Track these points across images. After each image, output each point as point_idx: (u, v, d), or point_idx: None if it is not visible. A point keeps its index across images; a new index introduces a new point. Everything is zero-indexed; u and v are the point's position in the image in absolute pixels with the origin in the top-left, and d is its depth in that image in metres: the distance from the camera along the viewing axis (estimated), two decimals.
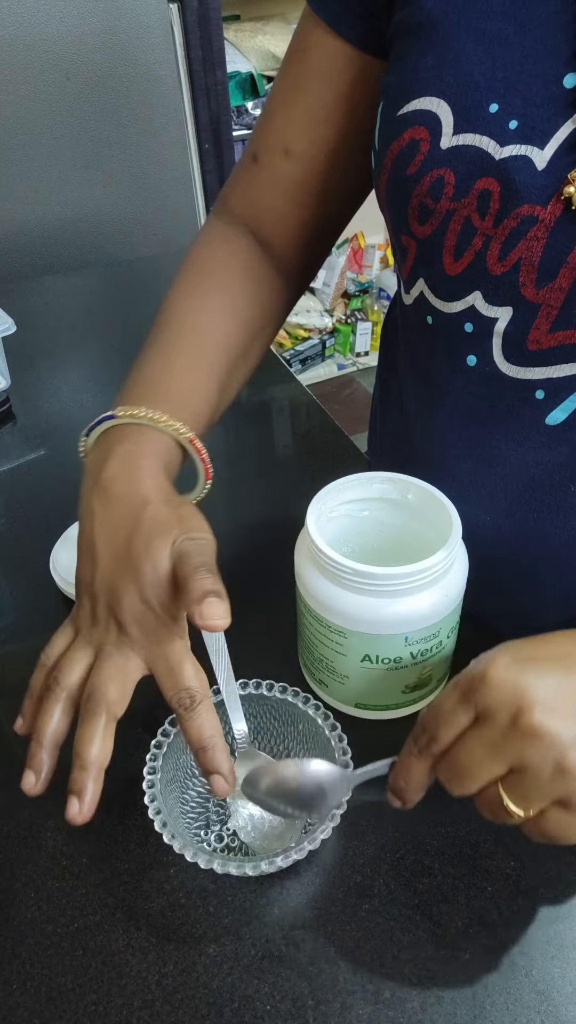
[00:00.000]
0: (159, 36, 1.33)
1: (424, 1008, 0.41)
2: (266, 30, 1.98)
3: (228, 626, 0.40)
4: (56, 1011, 0.41)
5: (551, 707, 0.36)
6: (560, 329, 0.44)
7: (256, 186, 0.61)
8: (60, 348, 0.99)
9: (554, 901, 0.45)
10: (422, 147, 0.46)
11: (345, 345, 2.68)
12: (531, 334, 0.46)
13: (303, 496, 0.50)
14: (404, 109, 0.47)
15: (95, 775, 0.42)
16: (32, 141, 1.32)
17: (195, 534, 0.44)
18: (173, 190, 1.49)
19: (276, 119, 0.58)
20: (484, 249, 0.45)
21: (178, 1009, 0.41)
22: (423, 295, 0.51)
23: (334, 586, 0.47)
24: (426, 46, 0.46)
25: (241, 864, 0.42)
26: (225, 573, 0.54)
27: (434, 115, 0.45)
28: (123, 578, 0.44)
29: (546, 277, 0.43)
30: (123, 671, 0.44)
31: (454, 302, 0.49)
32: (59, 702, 0.44)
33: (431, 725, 0.39)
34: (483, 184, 0.44)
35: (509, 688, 0.36)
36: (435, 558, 0.46)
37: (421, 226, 0.48)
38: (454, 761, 0.39)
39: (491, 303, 0.47)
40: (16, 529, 0.73)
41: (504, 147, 0.43)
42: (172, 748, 0.48)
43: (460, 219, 0.45)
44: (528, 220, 0.43)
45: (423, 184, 0.46)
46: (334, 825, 0.43)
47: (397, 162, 0.47)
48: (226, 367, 0.57)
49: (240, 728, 0.49)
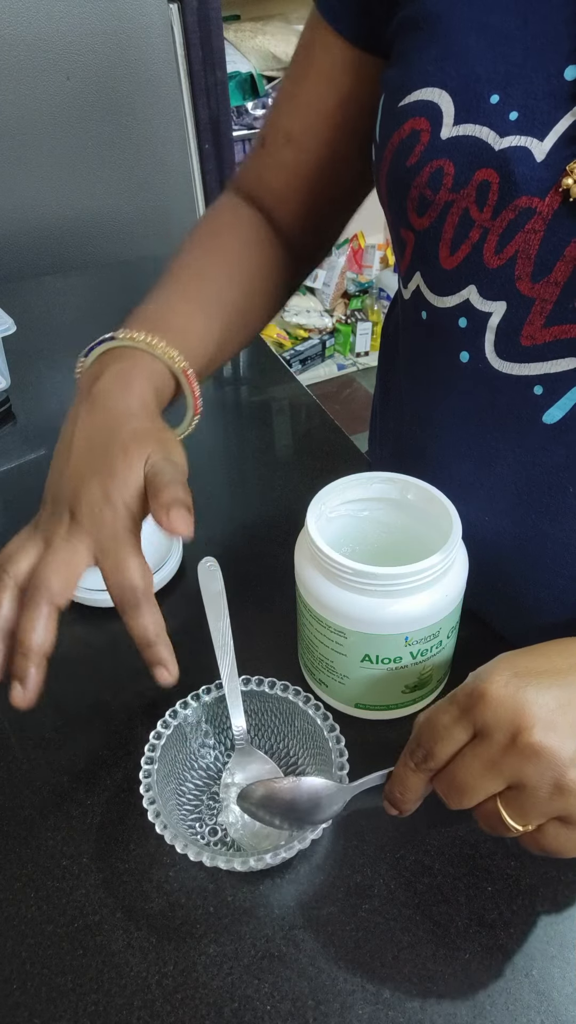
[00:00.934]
0: (159, 36, 1.33)
1: (424, 1008, 0.41)
2: (266, 30, 1.98)
3: (191, 538, 0.42)
4: (56, 1011, 0.41)
5: (550, 725, 0.35)
6: (555, 324, 0.45)
7: (262, 168, 0.65)
8: (60, 348, 0.99)
9: (554, 901, 0.45)
10: (422, 138, 0.46)
11: (345, 345, 2.68)
12: (525, 329, 0.46)
13: (303, 496, 0.50)
14: (405, 100, 0.47)
15: (37, 661, 0.43)
16: (32, 141, 1.32)
17: (174, 456, 0.45)
18: (173, 190, 1.49)
19: (282, 108, 0.63)
20: (481, 242, 0.45)
21: (178, 1009, 0.41)
22: (419, 290, 0.52)
23: (334, 586, 0.47)
24: (430, 40, 0.46)
25: (230, 859, 0.42)
26: (226, 573, 0.54)
27: (435, 106, 0.45)
28: (91, 474, 0.45)
29: (542, 271, 0.43)
30: (68, 563, 0.44)
31: (449, 296, 0.49)
32: (6, 590, 0.44)
33: (427, 740, 0.39)
34: (482, 175, 0.44)
35: (508, 706, 0.36)
36: (435, 558, 0.46)
37: (420, 218, 0.48)
38: (452, 778, 0.38)
39: (485, 297, 0.47)
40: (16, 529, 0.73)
41: (504, 138, 0.43)
42: (171, 741, 0.48)
43: (458, 211, 0.46)
44: (526, 212, 0.43)
45: (423, 175, 0.46)
46: (326, 826, 0.43)
47: (398, 153, 0.48)
48: (224, 320, 0.59)
49: (239, 724, 0.49)
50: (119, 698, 0.56)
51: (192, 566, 0.66)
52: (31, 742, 0.54)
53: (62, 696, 0.57)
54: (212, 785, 0.50)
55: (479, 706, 0.37)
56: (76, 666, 0.59)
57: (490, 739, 0.36)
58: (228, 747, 0.51)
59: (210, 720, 0.51)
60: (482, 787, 0.37)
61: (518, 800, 0.37)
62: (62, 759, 0.53)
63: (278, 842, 0.46)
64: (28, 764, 0.53)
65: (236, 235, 0.64)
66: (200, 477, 0.79)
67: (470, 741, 0.38)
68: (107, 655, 0.60)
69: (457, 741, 0.38)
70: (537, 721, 0.35)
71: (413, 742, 0.40)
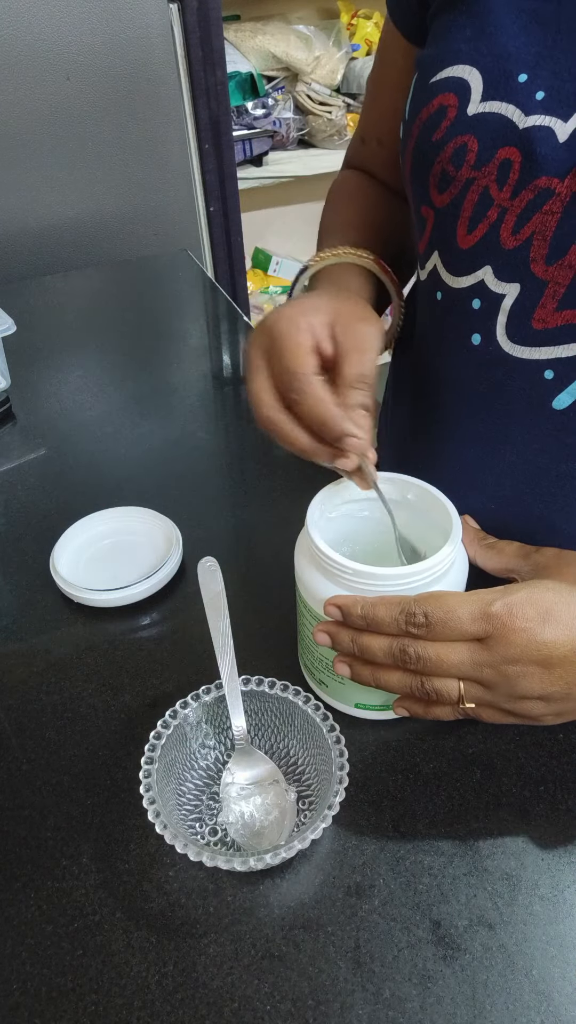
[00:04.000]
0: (159, 36, 1.33)
1: (424, 1008, 0.41)
2: (266, 30, 1.98)
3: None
4: (56, 1011, 0.41)
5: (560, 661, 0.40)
6: (567, 308, 0.45)
7: (365, 161, 0.73)
8: (60, 348, 1.00)
9: (554, 901, 0.45)
10: (449, 113, 0.47)
11: None
12: (537, 312, 0.46)
13: (303, 496, 0.50)
14: (437, 77, 0.48)
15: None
16: (32, 141, 1.32)
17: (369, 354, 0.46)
18: (173, 190, 1.49)
19: (370, 112, 0.69)
20: (499, 221, 0.46)
21: (178, 1009, 0.41)
22: (436, 270, 0.52)
23: (334, 586, 0.47)
24: (465, 19, 0.47)
25: (231, 859, 0.42)
26: (226, 573, 0.54)
27: (464, 82, 0.46)
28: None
29: (557, 253, 0.44)
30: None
31: (464, 276, 0.49)
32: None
33: (437, 621, 0.41)
34: (505, 153, 0.44)
35: (527, 644, 0.40)
36: (435, 558, 0.46)
37: (440, 195, 0.49)
38: (437, 659, 0.42)
39: (500, 279, 0.47)
40: (16, 529, 0.73)
41: (528, 116, 0.43)
42: (171, 741, 0.48)
43: (479, 188, 0.46)
44: (545, 193, 0.43)
45: (446, 151, 0.47)
46: (325, 826, 0.43)
47: (424, 128, 0.49)
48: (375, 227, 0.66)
49: (239, 724, 0.49)
50: (119, 698, 0.56)
51: (192, 566, 0.67)
52: (31, 742, 0.54)
53: (62, 696, 0.57)
54: (212, 785, 0.50)
55: (498, 635, 0.40)
56: (76, 666, 0.59)
57: (491, 653, 0.41)
58: (228, 747, 0.51)
59: (210, 720, 0.51)
60: (457, 676, 0.42)
61: (481, 695, 0.42)
62: (62, 759, 0.53)
63: (278, 842, 0.46)
64: (28, 764, 0.53)
65: (361, 187, 0.71)
66: (200, 477, 0.79)
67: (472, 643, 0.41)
68: (107, 655, 0.60)
69: (462, 637, 0.41)
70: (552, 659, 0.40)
71: (415, 607, 0.42)
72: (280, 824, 0.48)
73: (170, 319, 1.08)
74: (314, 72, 2.03)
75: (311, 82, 2.05)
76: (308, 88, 2.05)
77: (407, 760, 0.52)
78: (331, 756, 0.46)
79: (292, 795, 0.49)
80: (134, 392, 0.92)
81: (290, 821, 0.48)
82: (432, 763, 0.51)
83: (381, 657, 0.44)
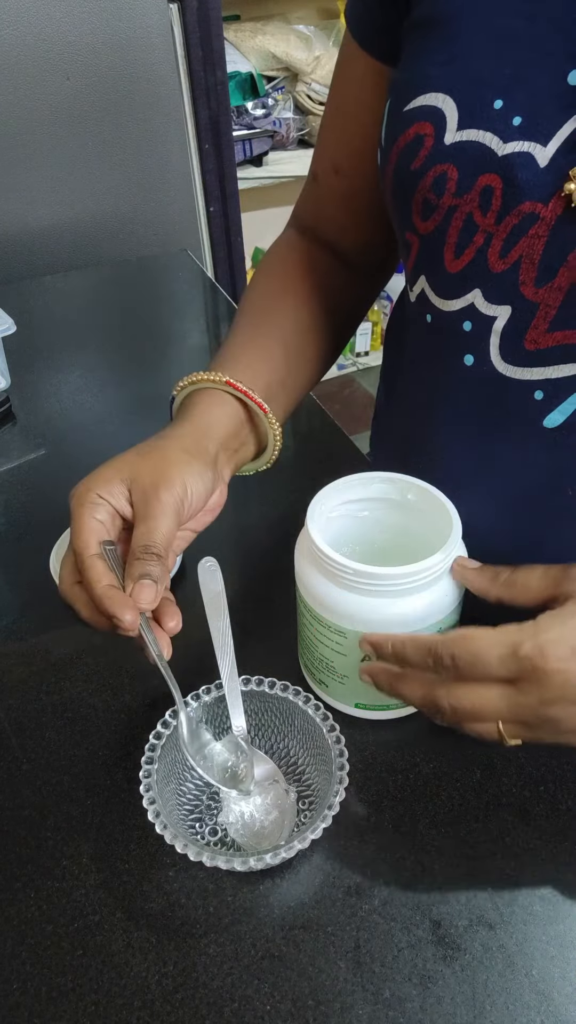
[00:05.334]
0: (159, 36, 1.33)
1: (424, 1008, 0.41)
2: (266, 30, 1.98)
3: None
4: (56, 1011, 0.41)
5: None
6: (559, 329, 0.44)
7: (317, 200, 0.67)
8: (60, 348, 0.99)
9: (554, 901, 0.45)
10: (426, 142, 0.46)
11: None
12: (529, 334, 0.46)
13: (303, 496, 0.50)
14: (411, 105, 0.47)
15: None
16: (32, 141, 1.32)
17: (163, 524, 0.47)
18: (173, 190, 1.48)
19: (326, 140, 0.64)
20: (485, 246, 0.45)
21: (178, 1009, 0.41)
22: (424, 293, 0.51)
23: (334, 586, 0.47)
24: (438, 43, 0.46)
25: (231, 859, 0.42)
26: (226, 573, 0.54)
27: (439, 111, 0.45)
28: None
29: (546, 276, 0.43)
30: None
31: (454, 300, 0.49)
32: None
33: (465, 665, 0.41)
34: (485, 180, 0.44)
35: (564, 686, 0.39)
36: (435, 558, 0.46)
37: (424, 222, 0.48)
38: (472, 706, 0.41)
39: (490, 301, 0.47)
40: (16, 529, 0.73)
41: (507, 143, 0.43)
42: (171, 741, 0.48)
43: (462, 215, 0.46)
44: (529, 217, 0.43)
45: (426, 179, 0.46)
46: (325, 826, 0.43)
47: (402, 157, 0.48)
48: (283, 342, 0.61)
49: (239, 724, 0.49)
50: (119, 698, 0.56)
51: (192, 566, 0.66)
52: (31, 742, 0.54)
53: (62, 696, 0.57)
54: (212, 785, 0.50)
55: (534, 676, 0.39)
56: (76, 666, 0.59)
57: (528, 696, 0.40)
58: None
59: (210, 720, 0.51)
60: (494, 720, 0.41)
61: (523, 732, 0.41)
62: (62, 759, 0.53)
63: (278, 842, 0.46)
64: (28, 764, 0.53)
65: (296, 270, 0.66)
66: None
67: (506, 684, 0.40)
68: (107, 655, 0.60)
69: (492, 679, 0.41)
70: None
71: (441, 649, 0.42)
72: (280, 824, 0.48)
73: (170, 319, 1.08)
74: (314, 72, 2.03)
75: (311, 82, 2.05)
76: (308, 88, 2.05)
77: (407, 760, 0.52)
78: (331, 756, 0.46)
79: (292, 795, 0.49)
80: (134, 392, 0.92)
81: (290, 821, 0.48)
82: (432, 763, 0.51)
83: (419, 704, 0.44)
